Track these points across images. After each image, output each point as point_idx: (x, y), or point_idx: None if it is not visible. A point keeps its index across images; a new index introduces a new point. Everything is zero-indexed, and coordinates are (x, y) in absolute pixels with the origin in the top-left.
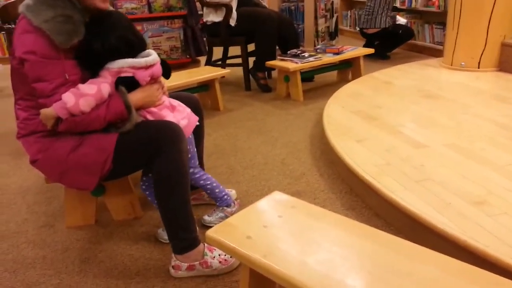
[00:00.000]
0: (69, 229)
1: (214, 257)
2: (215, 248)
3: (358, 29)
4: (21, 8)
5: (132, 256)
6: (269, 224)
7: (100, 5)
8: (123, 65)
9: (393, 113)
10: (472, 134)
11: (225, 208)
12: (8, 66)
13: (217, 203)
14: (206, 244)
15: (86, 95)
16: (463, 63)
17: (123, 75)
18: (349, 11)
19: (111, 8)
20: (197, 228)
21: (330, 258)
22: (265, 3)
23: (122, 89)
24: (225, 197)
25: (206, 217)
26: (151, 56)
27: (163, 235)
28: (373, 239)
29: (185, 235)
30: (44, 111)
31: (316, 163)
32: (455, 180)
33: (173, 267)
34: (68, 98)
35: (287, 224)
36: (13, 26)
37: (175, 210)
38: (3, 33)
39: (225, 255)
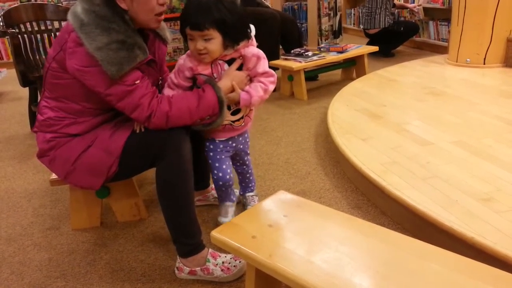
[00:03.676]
0: (74, 231)
1: (217, 264)
2: (219, 254)
3: (362, 27)
4: (72, 21)
5: (137, 258)
6: (274, 224)
7: (154, 25)
8: (253, 33)
9: (398, 111)
10: (478, 131)
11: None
12: (12, 71)
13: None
14: (210, 250)
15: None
16: (468, 60)
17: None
18: (352, 9)
19: None
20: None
21: (337, 257)
22: (268, 3)
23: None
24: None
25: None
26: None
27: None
28: (379, 237)
29: (187, 240)
30: (232, 96)
31: (321, 162)
32: (462, 177)
33: (177, 268)
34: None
35: (292, 223)
36: (16, 30)
37: (178, 215)
38: (7, 38)
39: (229, 263)
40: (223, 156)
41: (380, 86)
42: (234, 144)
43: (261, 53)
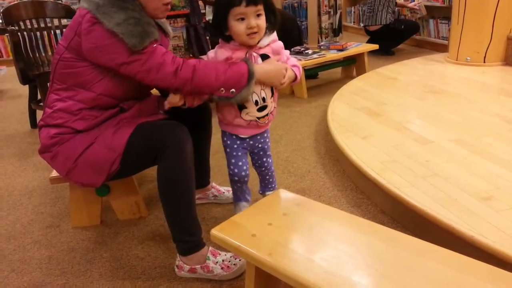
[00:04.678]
0: (74, 229)
1: (217, 262)
2: (219, 252)
3: (362, 25)
4: (87, 5)
5: (137, 256)
6: (274, 222)
7: (160, 15)
8: None
9: (398, 109)
10: (478, 129)
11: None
12: (11, 69)
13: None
14: (211, 248)
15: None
16: (468, 58)
17: None
18: (353, 7)
19: None
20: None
21: (336, 255)
22: None
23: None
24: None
25: None
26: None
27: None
28: (379, 235)
29: (188, 238)
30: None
31: (321, 161)
32: (462, 175)
33: (177, 266)
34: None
35: (292, 221)
36: (16, 28)
37: (179, 213)
38: (6, 35)
39: (229, 261)
40: (239, 153)
41: (380, 84)
42: (251, 142)
43: (281, 44)
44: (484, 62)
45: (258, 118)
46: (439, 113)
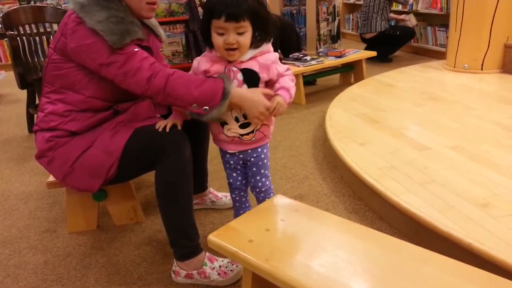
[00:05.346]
0: (71, 234)
1: (214, 268)
2: (217, 258)
3: (359, 32)
4: (73, 5)
5: (134, 261)
6: (271, 228)
7: (145, 14)
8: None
9: (396, 116)
10: (476, 136)
11: None
12: (10, 73)
13: None
14: (208, 254)
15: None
16: (466, 65)
17: None
18: (351, 14)
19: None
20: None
21: (334, 262)
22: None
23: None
24: None
25: None
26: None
27: None
28: (377, 242)
29: (186, 243)
30: (278, 99)
31: (319, 167)
32: (460, 182)
33: (173, 272)
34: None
35: (289, 227)
36: (15, 32)
37: (177, 217)
38: (5, 40)
39: (226, 267)
40: (232, 166)
41: (378, 91)
42: (241, 156)
43: (276, 55)
44: (482, 69)
45: (241, 135)
46: (437, 120)
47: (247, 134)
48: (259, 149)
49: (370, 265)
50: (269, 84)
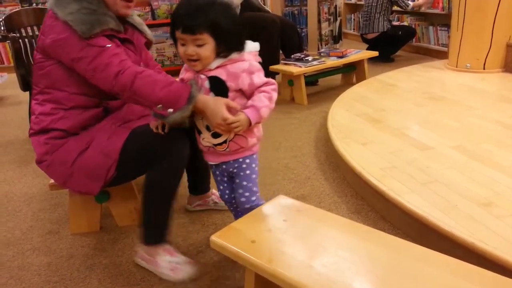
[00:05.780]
0: (74, 235)
1: (167, 261)
2: (176, 254)
3: (360, 32)
4: (48, 4)
5: (136, 262)
6: (273, 228)
7: (122, 11)
8: (256, 48)
9: (398, 116)
10: (478, 135)
11: None
12: (12, 75)
13: None
14: (168, 247)
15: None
16: (468, 65)
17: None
18: (352, 15)
19: (133, 13)
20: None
21: (336, 262)
22: (268, 8)
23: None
24: None
25: None
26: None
27: None
28: (379, 242)
29: (156, 233)
30: (240, 118)
31: (321, 167)
32: (462, 182)
33: (135, 251)
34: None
35: (292, 228)
36: (17, 34)
37: (160, 213)
38: (8, 42)
39: (179, 265)
40: (218, 178)
41: (380, 91)
42: (224, 166)
43: (253, 66)
44: (484, 69)
45: (215, 145)
46: (438, 120)
47: (220, 144)
48: (240, 159)
49: (372, 266)
50: (244, 95)
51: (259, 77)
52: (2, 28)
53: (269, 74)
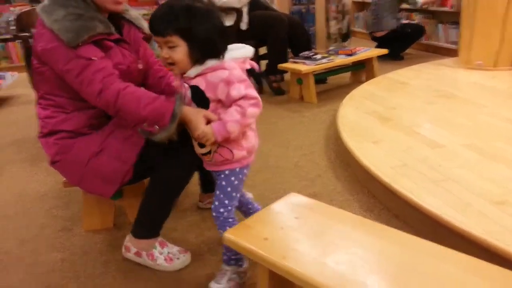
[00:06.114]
0: (87, 232)
1: (162, 253)
2: (168, 244)
3: (368, 31)
4: (37, 9)
5: None
6: (286, 226)
7: (111, 7)
8: (244, 54)
9: (408, 114)
10: (489, 133)
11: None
12: (22, 74)
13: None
14: (160, 239)
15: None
16: (478, 62)
17: (246, 66)
18: (360, 13)
19: (128, 8)
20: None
21: (350, 259)
22: (275, 6)
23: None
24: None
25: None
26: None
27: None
28: (392, 239)
29: (149, 227)
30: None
31: (332, 165)
32: (474, 180)
33: (124, 246)
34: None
35: (304, 225)
36: (28, 34)
37: (160, 209)
38: (19, 42)
39: (173, 254)
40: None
41: (390, 88)
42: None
43: (233, 76)
44: (495, 66)
45: (203, 154)
46: (450, 118)
47: (205, 154)
48: (222, 175)
49: (386, 263)
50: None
51: (237, 89)
52: (14, 27)
53: (277, 72)
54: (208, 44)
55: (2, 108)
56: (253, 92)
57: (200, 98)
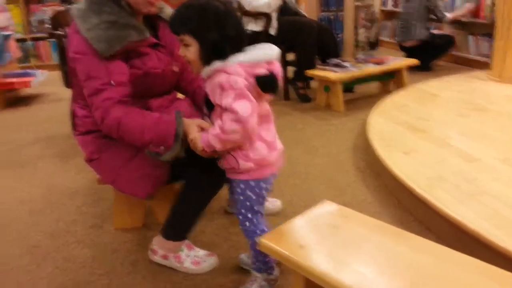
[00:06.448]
0: (117, 230)
1: (189, 255)
2: (195, 248)
3: (396, 40)
4: (73, 11)
5: None
6: (322, 234)
7: (145, 9)
8: (256, 58)
9: (440, 125)
10: None
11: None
12: (52, 73)
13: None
14: (187, 241)
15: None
16: None
17: (257, 71)
18: (388, 22)
19: (163, 6)
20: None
21: (388, 271)
22: (303, 12)
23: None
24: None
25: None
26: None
27: (246, 260)
28: (432, 253)
29: (180, 231)
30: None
31: (361, 175)
32: (511, 194)
33: (151, 250)
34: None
35: (341, 234)
36: (63, 32)
37: (191, 213)
38: (49, 41)
39: (200, 258)
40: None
41: (420, 99)
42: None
43: (228, 82)
44: None
45: (215, 158)
46: (483, 131)
47: (216, 159)
48: (239, 189)
49: (426, 277)
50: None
51: (227, 97)
52: (49, 26)
53: (305, 78)
54: (216, 45)
55: (32, 105)
56: (240, 105)
57: (208, 102)
